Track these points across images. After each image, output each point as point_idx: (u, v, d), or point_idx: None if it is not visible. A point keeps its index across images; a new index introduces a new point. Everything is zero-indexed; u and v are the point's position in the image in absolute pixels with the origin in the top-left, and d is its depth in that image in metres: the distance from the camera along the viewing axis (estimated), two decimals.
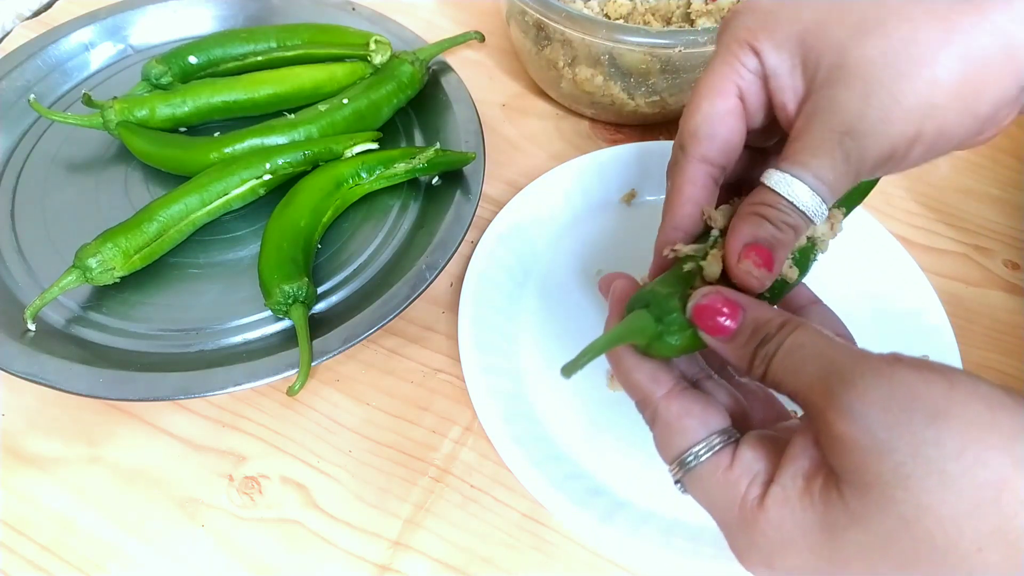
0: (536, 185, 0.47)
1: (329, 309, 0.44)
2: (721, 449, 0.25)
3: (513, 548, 0.38)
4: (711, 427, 0.26)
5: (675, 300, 0.27)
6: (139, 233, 0.42)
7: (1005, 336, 0.45)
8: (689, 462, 0.26)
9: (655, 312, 0.27)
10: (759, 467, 0.25)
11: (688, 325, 0.26)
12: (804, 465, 0.23)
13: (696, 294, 0.26)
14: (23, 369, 0.38)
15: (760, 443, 0.25)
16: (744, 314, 0.26)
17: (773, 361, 0.24)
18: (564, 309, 0.44)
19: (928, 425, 0.21)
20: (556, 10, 0.46)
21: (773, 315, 0.25)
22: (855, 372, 0.22)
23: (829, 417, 0.22)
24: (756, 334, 0.25)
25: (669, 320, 0.27)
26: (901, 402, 0.21)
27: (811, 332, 0.25)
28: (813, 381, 0.23)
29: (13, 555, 0.36)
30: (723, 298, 0.26)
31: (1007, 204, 0.52)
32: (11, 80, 0.52)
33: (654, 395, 0.27)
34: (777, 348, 0.24)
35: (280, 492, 0.39)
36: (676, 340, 0.27)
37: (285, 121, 0.49)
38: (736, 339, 0.26)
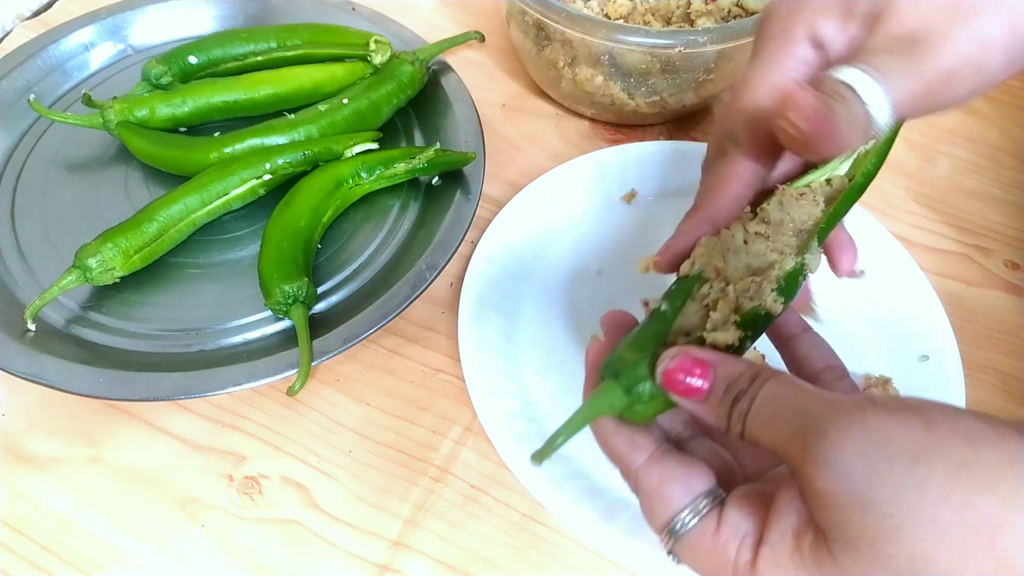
0: (536, 185, 0.47)
1: (329, 309, 0.44)
2: (708, 512, 0.24)
3: (513, 548, 0.38)
4: (694, 490, 0.25)
5: (643, 367, 0.26)
6: (139, 233, 0.43)
7: (1005, 336, 0.45)
8: (678, 530, 0.25)
9: (624, 382, 0.26)
10: (747, 527, 0.24)
11: (659, 392, 0.26)
12: (792, 521, 0.23)
13: (664, 357, 0.25)
14: (23, 369, 0.38)
15: (746, 500, 0.24)
16: (714, 371, 0.25)
17: (748, 418, 0.24)
18: (564, 309, 0.44)
19: (910, 471, 0.20)
20: (556, 10, 0.46)
21: (744, 368, 0.25)
22: (827, 421, 0.21)
23: (807, 472, 0.21)
24: (729, 391, 0.24)
25: (638, 390, 0.26)
26: (878, 449, 0.20)
27: (782, 383, 0.24)
28: (787, 435, 0.22)
29: (13, 555, 0.36)
30: (691, 359, 0.25)
31: (1007, 204, 0.52)
32: (11, 80, 0.52)
33: (634, 464, 0.26)
34: (751, 403, 0.24)
35: (280, 492, 0.39)
36: (646, 408, 0.26)
37: (285, 121, 0.49)
38: (709, 399, 0.25)
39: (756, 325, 0.27)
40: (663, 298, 0.29)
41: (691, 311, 0.28)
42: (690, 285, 0.29)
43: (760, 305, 0.27)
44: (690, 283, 0.29)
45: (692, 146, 0.49)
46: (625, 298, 0.45)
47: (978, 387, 0.43)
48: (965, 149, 0.55)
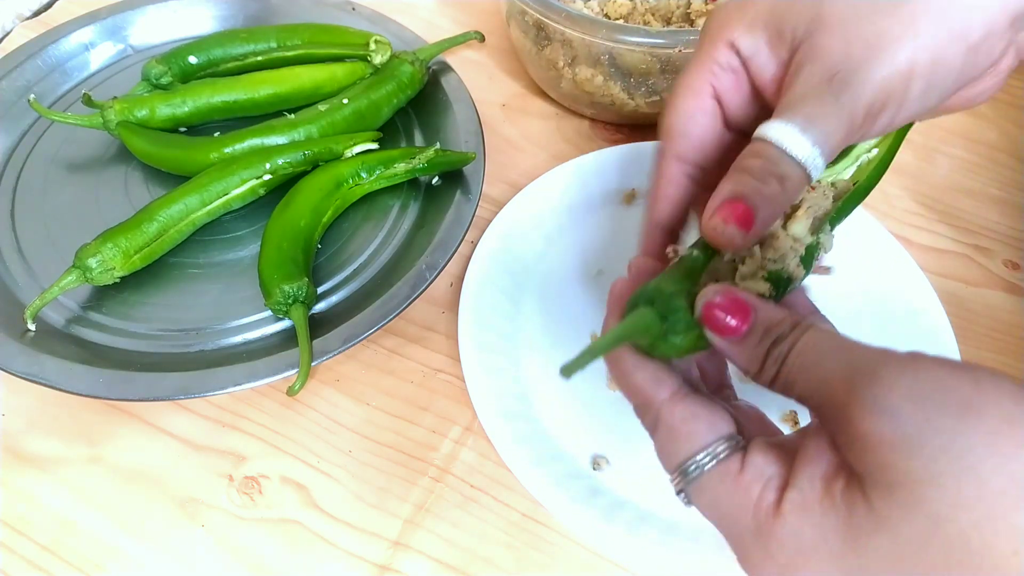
0: (536, 185, 0.47)
1: (329, 309, 0.44)
2: (729, 455, 0.24)
3: (513, 548, 0.38)
4: (718, 431, 0.25)
5: (681, 298, 0.26)
6: (139, 233, 0.43)
7: (1005, 336, 0.45)
8: (693, 471, 0.24)
9: (660, 310, 0.25)
10: (771, 471, 0.23)
11: (694, 325, 0.25)
12: (822, 467, 0.22)
13: (705, 292, 0.25)
14: (23, 369, 0.38)
15: (770, 448, 0.24)
16: (755, 313, 0.25)
17: (787, 360, 0.23)
18: (564, 309, 0.44)
19: (959, 419, 0.20)
20: (556, 10, 0.46)
21: (785, 315, 0.24)
22: (878, 366, 0.21)
23: (852, 413, 0.21)
24: (769, 334, 0.24)
25: (675, 319, 0.25)
26: (929, 396, 0.20)
27: (825, 332, 0.24)
28: (833, 377, 0.22)
29: (13, 555, 0.36)
30: (733, 297, 0.25)
31: (1007, 204, 0.52)
32: (11, 80, 0.52)
33: (656, 398, 0.26)
34: (791, 348, 0.23)
35: (280, 492, 0.39)
36: (681, 340, 0.25)
37: (285, 121, 0.49)
38: (747, 340, 0.24)
39: (779, 286, 0.28)
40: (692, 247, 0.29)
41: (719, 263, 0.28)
42: None
43: (784, 268, 0.28)
44: None
45: None
46: None
47: None
48: (964, 149, 0.55)
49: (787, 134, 0.26)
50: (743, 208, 0.26)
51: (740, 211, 0.26)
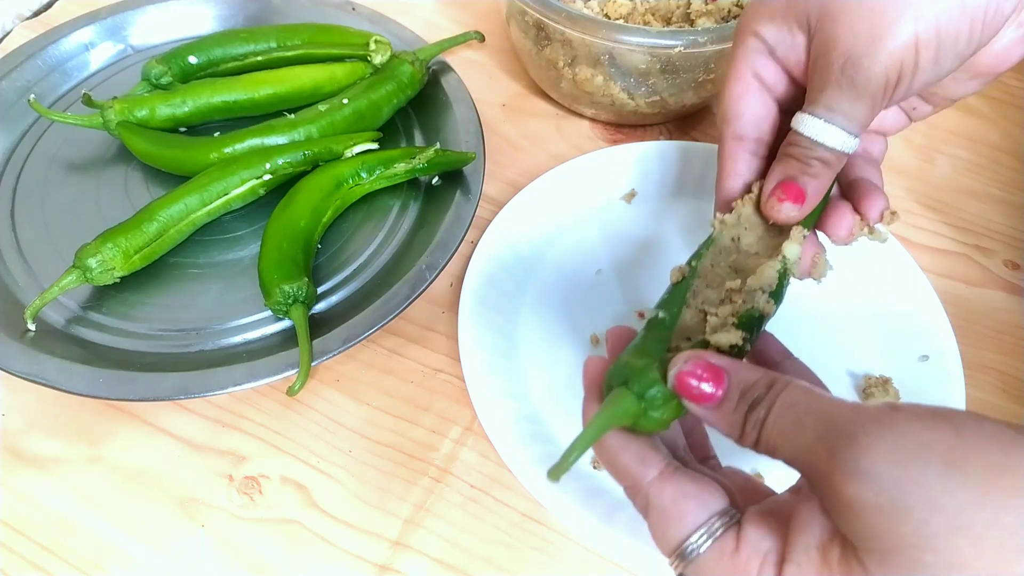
0: (536, 185, 0.47)
1: (329, 309, 0.44)
2: (724, 533, 0.24)
3: (513, 548, 0.38)
4: (711, 508, 0.24)
5: (653, 371, 0.26)
6: (139, 233, 0.43)
7: (1005, 336, 0.45)
8: (690, 552, 0.24)
9: (635, 388, 0.26)
10: (767, 545, 0.23)
11: (671, 396, 0.25)
12: (816, 535, 0.22)
13: (676, 361, 0.25)
14: (23, 369, 0.38)
15: (762, 519, 0.24)
16: (729, 378, 0.24)
17: (765, 425, 0.23)
18: (564, 309, 0.44)
19: (944, 476, 0.19)
20: (556, 10, 0.46)
21: (759, 375, 0.24)
22: (855, 426, 0.21)
23: (835, 480, 0.20)
24: (744, 397, 0.24)
25: (651, 395, 0.25)
26: (911, 455, 0.20)
27: (801, 390, 0.23)
28: (811, 442, 0.22)
29: (13, 555, 0.36)
30: (704, 363, 0.25)
31: (1007, 204, 0.52)
32: (11, 80, 0.52)
33: (643, 479, 0.25)
34: (768, 411, 0.23)
35: (280, 492, 0.39)
36: (661, 414, 0.25)
37: (285, 121, 0.49)
38: (724, 405, 0.24)
39: (752, 327, 0.28)
40: (658, 308, 0.29)
41: (688, 317, 0.28)
42: (683, 291, 0.29)
43: (755, 307, 0.28)
44: (683, 289, 0.30)
45: (692, 146, 0.49)
46: (624, 298, 0.45)
47: (978, 387, 0.43)
48: (965, 149, 0.55)
49: (815, 127, 0.30)
50: (796, 188, 0.30)
51: (794, 190, 0.30)
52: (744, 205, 0.32)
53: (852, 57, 0.29)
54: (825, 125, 0.30)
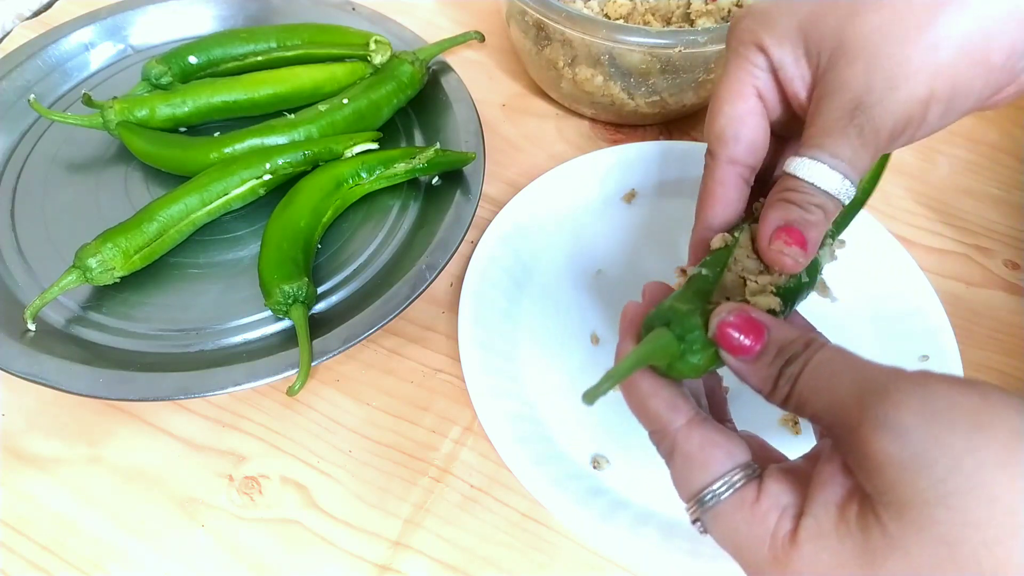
0: (536, 185, 0.47)
1: (329, 309, 0.44)
2: (745, 484, 0.24)
3: (513, 548, 0.38)
4: (736, 459, 0.25)
5: (696, 317, 0.26)
6: (139, 233, 0.42)
7: (1005, 336, 0.45)
8: (709, 499, 0.24)
9: (676, 330, 0.26)
10: (787, 500, 0.23)
11: (710, 344, 0.25)
12: (836, 492, 0.22)
13: (719, 311, 0.25)
14: (23, 369, 0.38)
15: (784, 475, 0.24)
16: (769, 332, 0.25)
17: (799, 380, 0.24)
18: (564, 309, 0.44)
19: (969, 436, 0.20)
20: (556, 10, 0.46)
21: (797, 334, 0.25)
22: (889, 384, 0.21)
23: (864, 433, 0.21)
24: (781, 354, 0.24)
25: (691, 338, 0.26)
26: (939, 413, 0.20)
27: (836, 350, 0.24)
28: (844, 397, 0.22)
29: (13, 555, 0.36)
30: (747, 316, 0.25)
31: (1007, 204, 0.52)
32: (11, 80, 0.52)
33: (672, 425, 0.25)
34: (803, 367, 0.24)
35: (280, 492, 0.39)
36: (699, 359, 0.26)
37: (285, 121, 0.49)
38: (760, 359, 0.25)
39: (788, 300, 0.28)
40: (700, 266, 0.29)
41: (728, 280, 0.28)
42: (725, 256, 0.29)
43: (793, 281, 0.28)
44: (725, 254, 0.29)
45: (692, 146, 0.49)
46: (625, 298, 0.45)
47: None
48: (965, 149, 0.55)
49: (817, 172, 0.28)
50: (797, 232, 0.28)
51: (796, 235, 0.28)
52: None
53: (864, 105, 0.27)
54: (829, 172, 0.28)
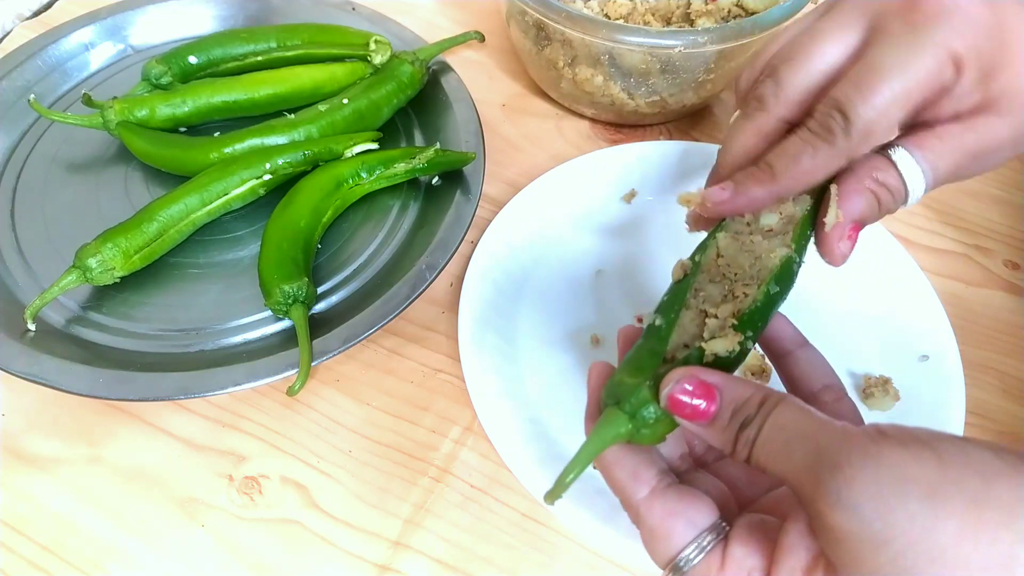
0: (536, 185, 0.47)
1: (329, 309, 0.44)
2: (712, 548, 0.24)
3: (513, 548, 0.38)
4: (699, 525, 0.25)
5: (644, 389, 0.26)
6: (139, 233, 0.42)
7: (1005, 336, 0.45)
8: (682, 565, 0.24)
9: (626, 408, 0.26)
10: (752, 563, 0.23)
11: (664, 414, 0.25)
12: (802, 558, 0.22)
13: (668, 380, 0.25)
14: (23, 369, 0.38)
15: (750, 534, 0.24)
16: (720, 395, 0.24)
17: (756, 445, 0.23)
18: (564, 309, 0.44)
19: (924, 510, 0.19)
20: (556, 10, 0.46)
21: (751, 392, 0.24)
22: (841, 455, 0.21)
23: (820, 507, 0.21)
24: (736, 416, 0.24)
25: (642, 415, 0.26)
26: (892, 486, 0.20)
27: (791, 410, 0.23)
28: (799, 468, 0.22)
29: (13, 555, 0.36)
30: (696, 381, 0.25)
31: (1007, 204, 0.52)
32: (11, 80, 0.52)
33: (635, 496, 0.26)
34: (758, 431, 0.23)
35: (280, 492, 0.39)
36: (652, 432, 0.26)
37: (285, 121, 0.49)
38: (716, 423, 0.24)
39: (755, 323, 0.27)
40: (657, 311, 0.29)
41: (687, 320, 0.28)
42: (683, 291, 0.29)
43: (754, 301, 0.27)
44: (683, 289, 0.29)
45: (692, 146, 0.49)
46: (625, 298, 0.45)
47: (978, 387, 0.43)
48: None
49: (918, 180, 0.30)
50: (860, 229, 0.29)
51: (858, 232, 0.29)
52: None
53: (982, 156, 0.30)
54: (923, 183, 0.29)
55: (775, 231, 0.30)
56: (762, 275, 0.28)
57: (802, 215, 0.30)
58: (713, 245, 0.30)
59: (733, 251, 0.30)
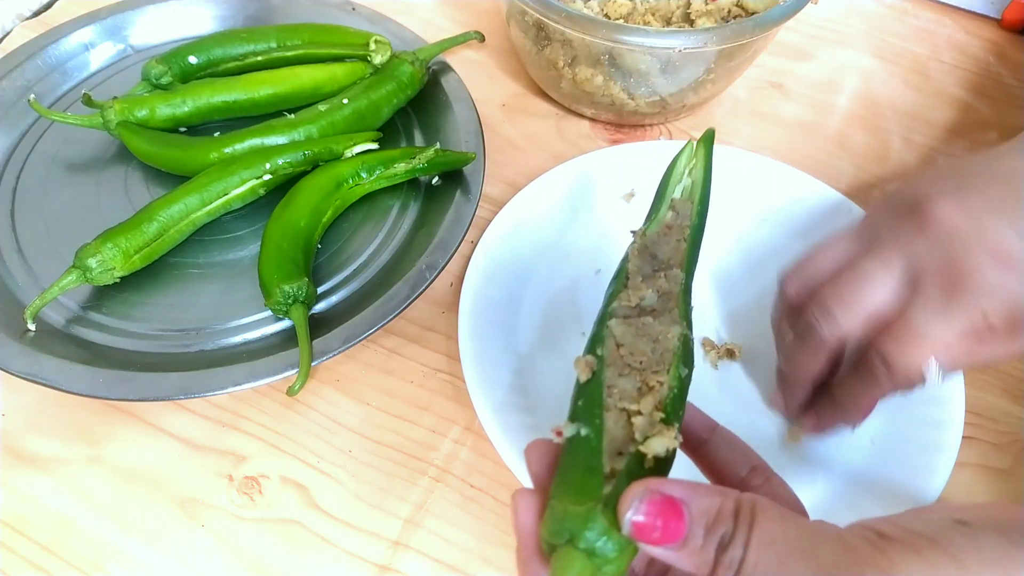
0: (536, 185, 0.47)
1: (329, 309, 0.44)
2: None
3: (513, 548, 0.37)
4: None
5: (597, 519, 0.22)
6: (139, 233, 0.43)
7: None
8: None
9: (582, 546, 0.22)
10: None
11: (626, 542, 0.22)
12: None
13: (626, 500, 0.22)
14: (23, 369, 0.38)
15: None
16: (688, 510, 0.21)
17: (744, 568, 0.21)
18: (564, 309, 0.44)
19: None
20: (556, 10, 0.46)
21: (719, 500, 0.22)
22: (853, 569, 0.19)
23: None
24: (712, 533, 0.21)
25: (602, 549, 0.22)
26: None
27: (773, 520, 0.21)
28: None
29: (13, 555, 0.36)
30: (660, 497, 0.21)
31: None
32: (11, 80, 0.52)
33: None
34: (745, 551, 0.21)
35: (280, 492, 0.39)
36: (617, 567, 0.22)
37: (285, 121, 0.49)
38: (688, 544, 0.21)
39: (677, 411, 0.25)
40: (575, 421, 0.26)
41: (611, 422, 0.25)
42: (598, 392, 0.26)
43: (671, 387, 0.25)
44: (597, 389, 0.26)
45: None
46: None
47: (978, 387, 0.43)
48: (965, 149, 0.55)
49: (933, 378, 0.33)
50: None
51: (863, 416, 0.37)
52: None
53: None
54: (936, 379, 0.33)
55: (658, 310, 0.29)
56: (666, 358, 0.26)
57: (679, 289, 0.29)
58: (610, 336, 0.28)
59: (631, 338, 0.28)
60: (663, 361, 0.26)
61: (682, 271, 0.30)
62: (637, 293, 0.29)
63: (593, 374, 0.27)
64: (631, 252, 0.31)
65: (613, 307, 0.29)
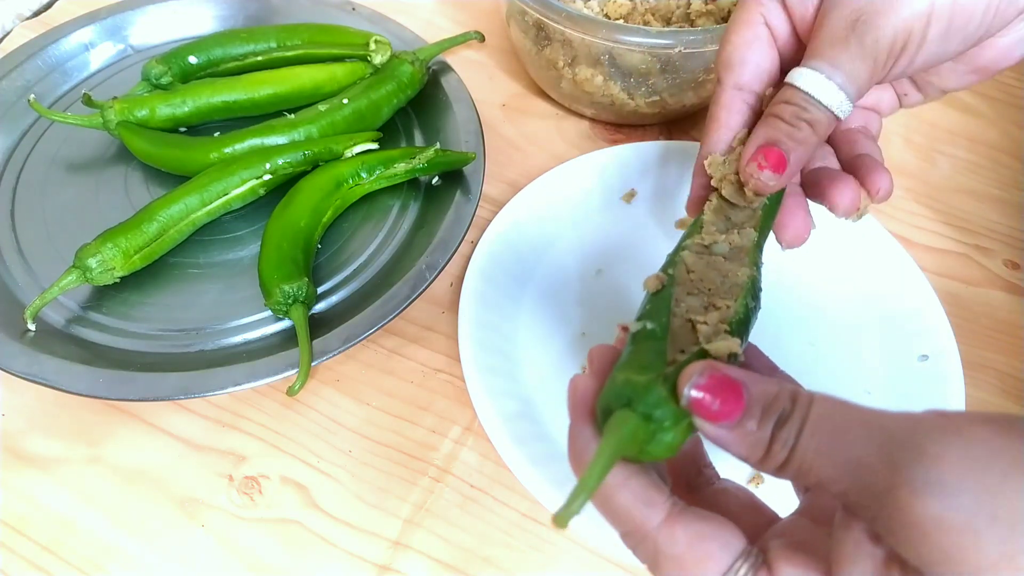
0: (536, 185, 0.47)
1: (329, 309, 0.44)
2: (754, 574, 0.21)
3: (513, 548, 0.38)
4: (733, 549, 0.21)
5: (659, 388, 0.22)
6: (139, 233, 0.42)
7: (1005, 336, 0.45)
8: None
9: (639, 408, 0.22)
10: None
11: (682, 415, 0.22)
12: (867, 566, 0.19)
13: (687, 374, 0.22)
14: (23, 369, 0.38)
15: (794, 555, 0.21)
16: (747, 392, 0.21)
17: (800, 443, 0.20)
18: (564, 309, 0.44)
19: None
20: (556, 10, 0.46)
21: (779, 387, 0.21)
22: (918, 437, 0.19)
23: (900, 497, 0.18)
24: (768, 414, 0.21)
25: (659, 415, 0.22)
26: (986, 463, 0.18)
27: (832, 401, 0.21)
28: (864, 457, 0.19)
29: (13, 555, 0.36)
30: (720, 375, 0.21)
31: (1007, 204, 0.52)
32: (11, 80, 0.52)
33: (649, 523, 0.22)
34: (800, 428, 0.20)
35: (280, 492, 0.39)
36: (673, 437, 0.22)
37: (285, 121, 0.49)
38: (744, 424, 0.21)
39: (742, 333, 0.26)
40: (642, 319, 0.27)
41: (676, 326, 0.26)
42: (667, 301, 0.27)
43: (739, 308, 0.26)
44: (666, 299, 0.27)
45: (692, 146, 0.49)
46: (624, 298, 0.45)
47: (978, 387, 0.43)
48: (965, 149, 0.55)
49: (814, 81, 0.29)
50: (776, 153, 0.28)
51: (774, 156, 0.28)
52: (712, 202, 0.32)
53: (866, 14, 0.28)
54: (825, 81, 0.28)
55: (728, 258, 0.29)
56: (734, 291, 0.27)
57: (751, 244, 0.30)
58: (681, 263, 0.29)
59: (701, 268, 0.29)
60: (731, 293, 0.27)
61: (755, 231, 0.30)
62: (711, 236, 0.30)
63: (663, 287, 0.28)
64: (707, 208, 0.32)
65: (687, 243, 0.30)
